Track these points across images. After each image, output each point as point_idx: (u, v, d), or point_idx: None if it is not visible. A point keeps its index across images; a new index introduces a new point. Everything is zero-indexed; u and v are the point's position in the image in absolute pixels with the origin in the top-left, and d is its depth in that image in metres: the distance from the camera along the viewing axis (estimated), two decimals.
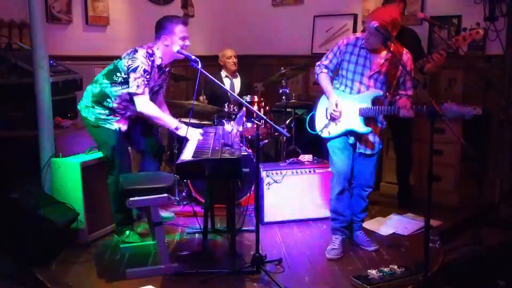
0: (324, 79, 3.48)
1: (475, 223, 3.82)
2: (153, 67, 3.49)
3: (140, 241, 3.69)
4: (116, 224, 3.73)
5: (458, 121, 4.28)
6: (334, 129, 3.44)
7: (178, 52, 3.39)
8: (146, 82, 3.43)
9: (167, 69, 3.68)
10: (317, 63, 3.55)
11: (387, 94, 3.36)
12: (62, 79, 4.06)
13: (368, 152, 3.45)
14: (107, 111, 3.55)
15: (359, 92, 3.36)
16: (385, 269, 3.13)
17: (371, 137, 3.43)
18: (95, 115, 3.55)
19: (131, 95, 3.47)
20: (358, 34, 3.47)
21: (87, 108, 3.58)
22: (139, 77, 3.40)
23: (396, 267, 3.15)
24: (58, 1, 4.63)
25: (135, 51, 3.46)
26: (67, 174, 3.64)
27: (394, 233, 3.94)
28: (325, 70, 3.50)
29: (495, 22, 4.40)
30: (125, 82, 3.47)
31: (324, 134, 3.51)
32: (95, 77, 3.64)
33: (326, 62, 3.50)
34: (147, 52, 3.45)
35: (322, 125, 3.53)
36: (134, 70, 3.40)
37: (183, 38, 3.49)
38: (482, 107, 4.38)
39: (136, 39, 3.70)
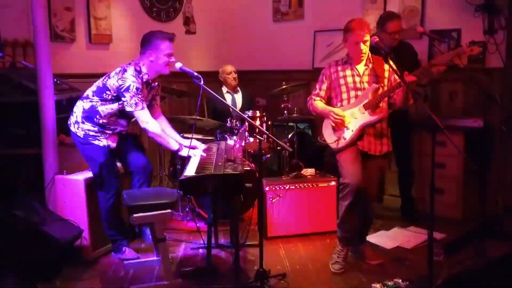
0: (319, 104, 3.58)
1: (479, 236, 3.81)
2: (143, 84, 3.54)
3: (137, 257, 3.70)
4: (111, 241, 3.74)
5: (460, 133, 4.31)
6: (348, 133, 3.45)
7: (180, 69, 3.43)
8: (142, 98, 3.50)
9: (155, 84, 3.72)
10: (307, 98, 3.67)
11: (382, 85, 3.43)
12: (66, 97, 4.09)
13: (378, 152, 3.47)
14: (96, 128, 3.58)
15: (356, 97, 3.46)
16: (389, 283, 3.12)
17: (379, 133, 3.46)
18: (84, 131, 3.57)
19: (128, 113, 3.52)
20: (332, 60, 3.68)
21: (76, 124, 3.60)
22: (134, 95, 3.45)
23: (400, 280, 3.14)
24: (61, 20, 4.70)
25: (124, 70, 3.50)
26: (71, 191, 3.67)
27: (398, 246, 3.93)
28: (317, 98, 3.60)
29: (495, 35, 4.44)
30: (116, 99, 3.52)
31: (341, 144, 3.49)
32: (85, 92, 3.66)
33: (316, 92, 3.62)
34: (135, 70, 3.50)
35: (334, 139, 3.54)
36: (127, 89, 3.45)
37: (169, 55, 3.55)
38: (483, 120, 4.43)
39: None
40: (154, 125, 3.55)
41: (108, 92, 3.52)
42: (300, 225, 4.17)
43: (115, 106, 3.54)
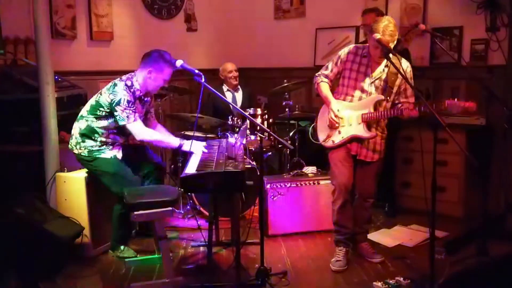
0: (324, 88, 3.51)
1: (481, 234, 3.80)
2: (135, 97, 3.55)
3: (134, 255, 3.69)
4: (113, 240, 3.73)
5: (462, 131, 4.30)
6: (338, 137, 3.45)
7: (181, 66, 3.42)
8: (134, 110, 3.51)
9: (148, 98, 3.74)
10: (316, 74, 3.58)
11: (388, 98, 3.37)
12: (67, 94, 4.09)
13: (370, 159, 3.46)
14: (97, 142, 3.58)
15: (360, 99, 3.38)
16: (391, 281, 3.11)
17: (372, 144, 3.43)
18: (87, 148, 3.57)
19: (123, 128, 3.52)
20: (359, 45, 3.51)
21: (78, 144, 3.59)
22: (125, 109, 3.48)
23: (401, 279, 3.14)
24: (62, 17, 4.69)
25: (115, 85, 3.53)
26: (72, 189, 3.67)
27: (399, 244, 3.92)
28: (325, 80, 3.52)
29: (497, 32, 4.42)
30: (110, 114, 3.53)
31: (328, 144, 3.51)
32: (80, 113, 3.65)
33: (326, 72, 3.53)
34: (125, 84, 3.52)
35: (324, 135, 3.54)
36: (118, 103, 3.47)
37: (165, 81, 3.62)
38: (486, 118, 4.41)
39: (140, 54, 3.71)
40: (149, 133, 3.60)
41: (101, 108, 3.53)
42: (301, 223, 4.17)
43: (110, 121, 3.55)
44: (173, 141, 3.60)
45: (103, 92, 3.57)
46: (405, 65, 3.32)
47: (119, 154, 3.63)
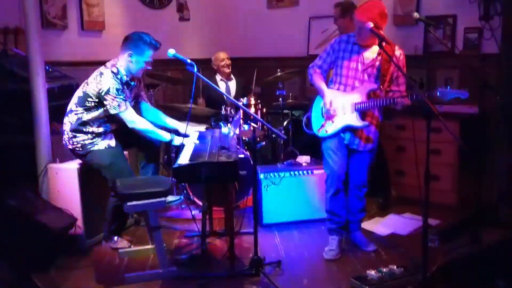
0: (317, 79, 3.50)
1: (474, 223, 3.82)
2: (123, 84, 3.50)
3: (128, 246, 3.68)
4: (106, 230, 3.70)
5: (455, 120, 4.30)
6: (331, 127, 3.44)
7: (174, 56, 3.39)
8: (124, 99, 3.46)
9: (134, 82, 3.66)
10: (310, 65, 3.57)
11: (381, 87, 3.36)
12: (58, 84, 4.05)
13: (362, 148, 3.46)
14: (89, 135, 3.53)
15: (353, 87, 3.38)
16: (384, 270, 3.12)
17: (366, 132, 3.43)
18: (80, 143, 3.53)
19: (114, 116, 3.48)
20: (350, 33, 3.49)
21: (70, 140, 3.55)
22: (115, 97, 3.42)
23: (395, 267, 3.14)
24: (53, 7, 4.63)
25: (101, 74, 3.46)
26: (64, 180, 3.64)
27: (393, 233, 3.94)
28: (318, 70, 3.52)
29: (490, 21, 4.41)
30: (99, 104, 3.48)
31: (322, 134, 3.51)
32: (68, 107, 3.59)
33: (319, 62, 3.53)
34: (112, 72, 3.45)
35: (319, 124, 3.53)
36: (108, 92, 3.41)
37: (147, 63, 3.53)
38: (479, 106, 4.41)
39: None
40: (141, 122, 3.54)
41: (89, 99, 3.48)
42: (295, 212, 4.17)
43: (100, 111, 3.50)
44: (165, 136, 3.57)
45: (89, 82, 3.50)
46: (398, 52, 3.32)
47: (112, 142, 3.59)
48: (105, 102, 3.45)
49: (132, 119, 3.51)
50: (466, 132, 4.28)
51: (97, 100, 3.47)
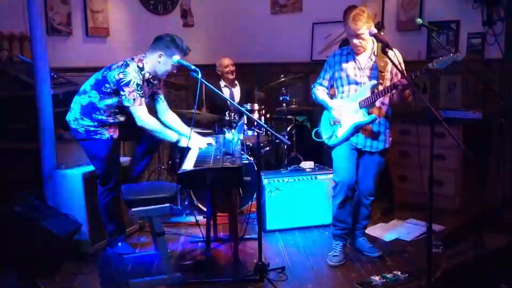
0: (320, 93, 3.57)
1: (478, 227, 3.81)
2: (143, 81, 3.49)
3: (132, 251, 3.69)
4: (108, 235, 3.71)
5: (459, 125, 4.30)
6: (341, 130, 3.46)
7: (178, 62, 3.40)
8: (141, 95, 3.44)
9: (155, 81, 3.63)
10: (311, 86, 3.64)
11: (381, 82, 3.37)
12: (63, 91, 4.07)
13: (375, 149, 3.45)
14: (95, 123, 3.52)
15: (356, 91, 3.42)
16: (389, 275, 3.12)
17: (375, 129, 3.42)
18: (84, 127, 3.52)
19: (126, 108, 3.46)
20: (342, 47, 3.60)
21: (76, 121, 3.54)
22: (133, 91, 3.39)
23: (399, 273, 3.15)
24: (58, 13, 4.66)
25: (127, 65, 3.43)
26: (70, 186, 3.66)
27: (397, 239, 3.94)
28: (320, 87, 3.58)
29: (494, 26, 4.42)
30: (114, 93, 3.45)
31: (332, 141, 3.51)
32: (82, 86, 3.58)
33: (319, 80, 3.60)
34: (137, 66, 3.44)
35: (328, 133, 3.55)
36: (127, 84, 3.38)
37: (174, 66, 3.49)
38: (482, 112, 4.42)
39: (137, 49, 3.70)
40: (150, 120, 3.48)
41: (107, 85, 3.44)
42: (299, 218, 4.17)
43: (114, 100, 3.48)
44: (172, 136, 3.55)
45: (112, 68, 3.46)
46: (392, 54, 3.33)
47: (115, 134, 3.58)
48: (121, 93, 3.40)
49: (143, 117, 3.45)
50: (470, 137, 4.28)
51: (114, 88, 3.43)
